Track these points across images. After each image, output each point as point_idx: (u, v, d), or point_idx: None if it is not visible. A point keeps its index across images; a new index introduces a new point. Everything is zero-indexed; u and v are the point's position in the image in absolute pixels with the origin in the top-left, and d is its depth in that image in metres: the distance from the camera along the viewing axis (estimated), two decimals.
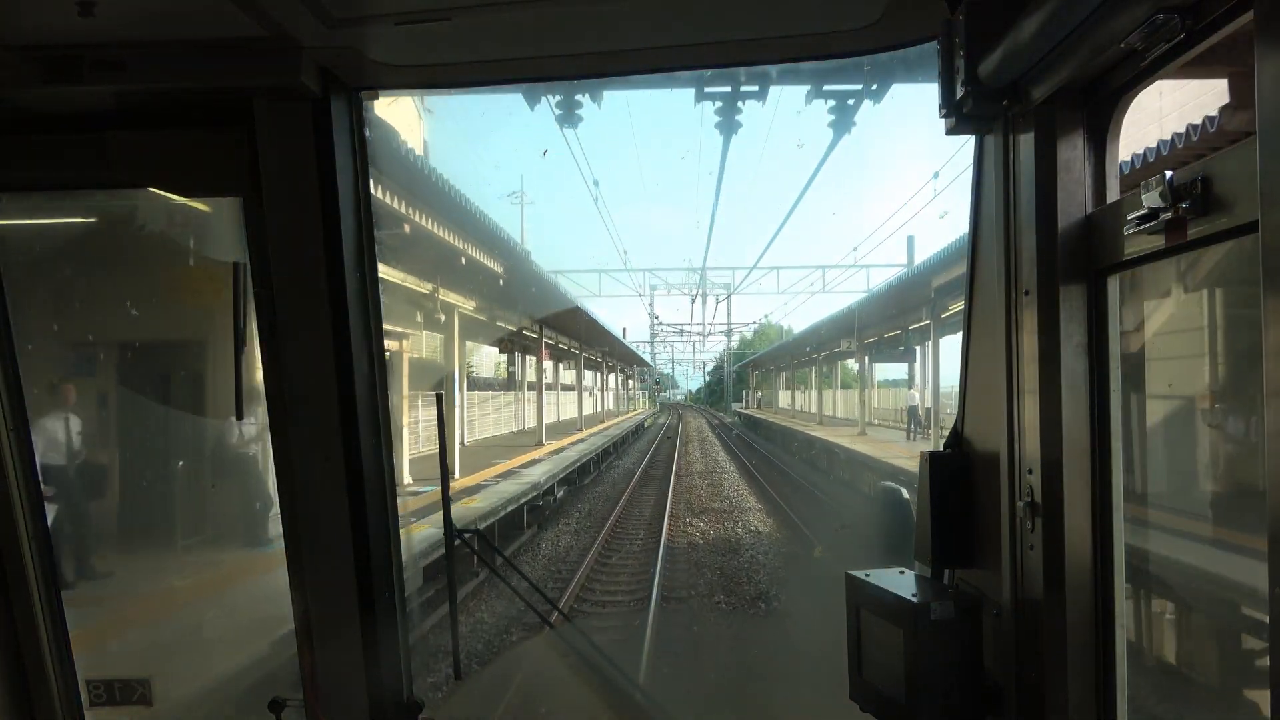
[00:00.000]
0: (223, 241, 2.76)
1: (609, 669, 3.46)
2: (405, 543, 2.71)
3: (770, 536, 20.38)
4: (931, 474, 2.21)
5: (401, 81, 2.51)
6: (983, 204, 2.13)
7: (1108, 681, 1.86)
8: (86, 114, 2.38)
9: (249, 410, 2.63)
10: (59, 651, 2.80)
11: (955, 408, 2.30)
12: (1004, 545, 1.99)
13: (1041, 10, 1.56)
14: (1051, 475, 1.86)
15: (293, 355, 2.43)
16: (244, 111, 2.33)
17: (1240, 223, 1.38)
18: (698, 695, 9.79)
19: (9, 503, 2.68)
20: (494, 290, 23.86)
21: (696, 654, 11.94)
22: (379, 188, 2.19)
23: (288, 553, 2.55)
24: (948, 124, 2.01)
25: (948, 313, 25.90)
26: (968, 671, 2.03)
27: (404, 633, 2.70)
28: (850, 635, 2.24)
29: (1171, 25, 1.42)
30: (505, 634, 12.64)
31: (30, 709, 2.78)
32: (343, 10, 2.08)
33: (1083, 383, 1.85)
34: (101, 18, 1.99)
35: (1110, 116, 1.80)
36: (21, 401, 2.72)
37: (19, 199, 2.88)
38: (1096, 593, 1.86)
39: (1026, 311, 1.90)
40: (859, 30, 2.16)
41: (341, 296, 2.40)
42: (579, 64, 2.46)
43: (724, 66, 3.30)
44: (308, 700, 2.62)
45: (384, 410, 2.59)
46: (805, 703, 8.90)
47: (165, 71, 2.23)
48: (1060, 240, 1.82)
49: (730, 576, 16.24)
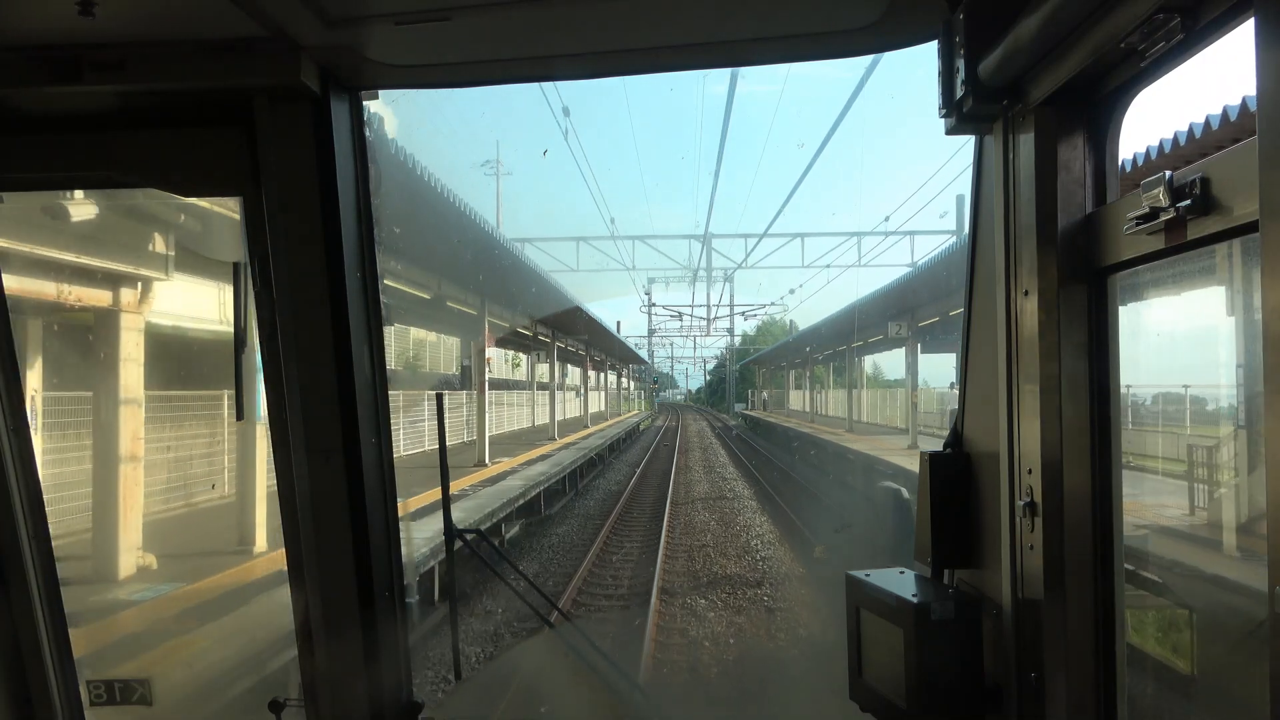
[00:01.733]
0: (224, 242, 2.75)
1: (609, 669, 3.46)
2: (405, 543, 2.71)
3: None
4: (931, 474, 2.21)
5: (401, 81, 2.51)
6: (982, 204, 2.13)
7: (1108, 681, 1.86)
8: (86, 114, 2.38)
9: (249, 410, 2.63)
10: (59, 651, 2.80)
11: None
12: (1004, 545, 1.99)
13: (1041, 10, 1.56)
14: (1051, 475, 1.86)
15: (293, 355, 2.43)
16: (244, 111, 2.33)
17: (1240, 223, 1.38)
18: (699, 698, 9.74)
19: (9, 503, 2.68)
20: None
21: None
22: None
23: (288, 553, 2.55)
24: (947, 124, 2.02)
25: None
26: (968, 671, 2.03)
27: (404, 633, 2.70)
28: (850, 636, 2.24)
29: (1171, 25, 1.42)
30: (509, 634, 12.61)
31: (30, 709, 2.78)
32: (342, 10, 2.08)
33: (1083, 383, 1.85)
34: (101, 18, 1.99)
35: (1110, 116, 1.80)
36: (22, 401, 2.72)
37: (19, 199, 2.88)
38: (1096, 593, 1.86)
39: (1026, 311, 1.90)
40: (859, 30, 2.16)
41: (341, 296, 2.41)
42: (579, 64, 2.46)
43: (724, 66, 3.30)
44: (307, 701, 2.62)
45: (384, 410, 2.59)
46: (806, 703, 8.89)
47: (165, 71, 2.23)
48: (1060, 240, 1.82)
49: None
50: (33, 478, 2.74)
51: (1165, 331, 11.28)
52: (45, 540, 2.78)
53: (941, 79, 1.97)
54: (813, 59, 2.43)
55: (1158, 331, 10.27)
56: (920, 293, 27.29)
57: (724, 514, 22.87)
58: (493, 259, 21.51)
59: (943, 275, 24.59)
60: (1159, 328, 10.95)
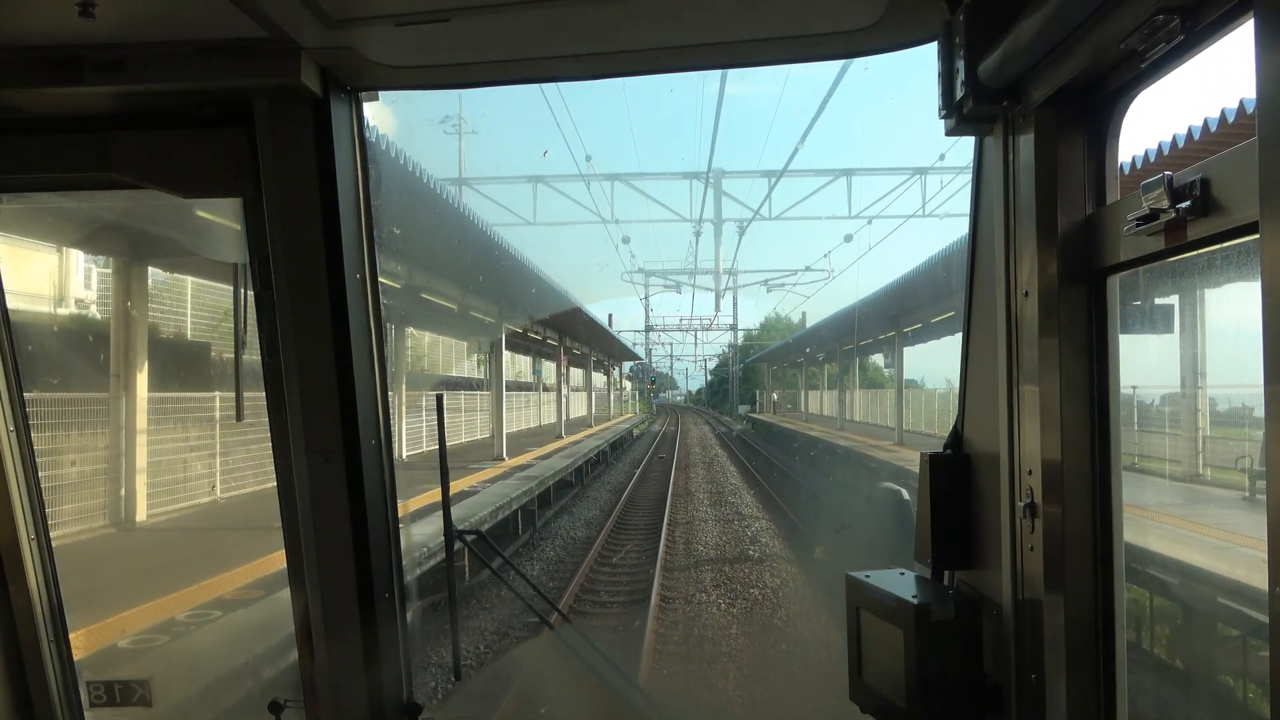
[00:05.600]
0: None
1: (608, 670, 3.46)
2: (405, 543, 2.71)
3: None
4: (931, 475, 2.21)
5: (401, 82, 2.51)
6: (983, 205, 2.13)
7: (1108, 681, 1.86)
8: (87, 115, 2.38)
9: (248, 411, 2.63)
10: (59, 651, 2.80)
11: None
12: (1004, 546, 1.99)
13: (1041, 11, 1.56)
14: (1051, 475, 1.86)
15: (292, 356, 2.43)
16: (244, 112, 2.33)
17: (1240, 223, 1.38)
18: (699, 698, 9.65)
19: (9, 503, 2.69)
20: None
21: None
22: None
23: (288, 553, 2.55)
24: (948, 124, 2.02)
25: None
26: (968, 672, 2.03)
27: (404, 634, 2.70)
28: (850, 636, 2.24)
29: (1171, 26, 1.42)
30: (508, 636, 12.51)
31: (30, 709, 2.78)
32: (342, 11, 2.08)
33: (1083, 383, 1.85)
34: (101, 19, 1.99)
35: (1110, 117, 1.80)
36: (22, 401, 2.72)
37: (19, 199, 2.88)
38: (1096, 593, 1.86)
39: (1026, 312, 1.90)
40: (859, 31, 2.16)
41: (341, 296, 2.41)
42: (579, 65, 2.46)
43: (724, 67, 3.30)
44: (307, 702, 2.62)
45: (384, 410, 2.59)
46: (805, 705, 8.86)
47: (165, 72, 2.23)
48: (1060, 241, 1.82)
49: None
50: (33, 478, 2.75)
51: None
52: (45, 540, 2.78)
53: (941, 80, 1.97)
54: (813, 60, 2.43)
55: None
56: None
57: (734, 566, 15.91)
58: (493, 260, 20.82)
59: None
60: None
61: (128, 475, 13.96)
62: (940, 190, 30.43)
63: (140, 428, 14.17)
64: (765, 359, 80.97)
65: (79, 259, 18.07)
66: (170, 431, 15.51)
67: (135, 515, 13.93)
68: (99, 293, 18.74)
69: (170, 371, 16.34)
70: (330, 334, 2.42)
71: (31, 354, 11.56)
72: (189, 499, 15.67)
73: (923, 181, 28.00)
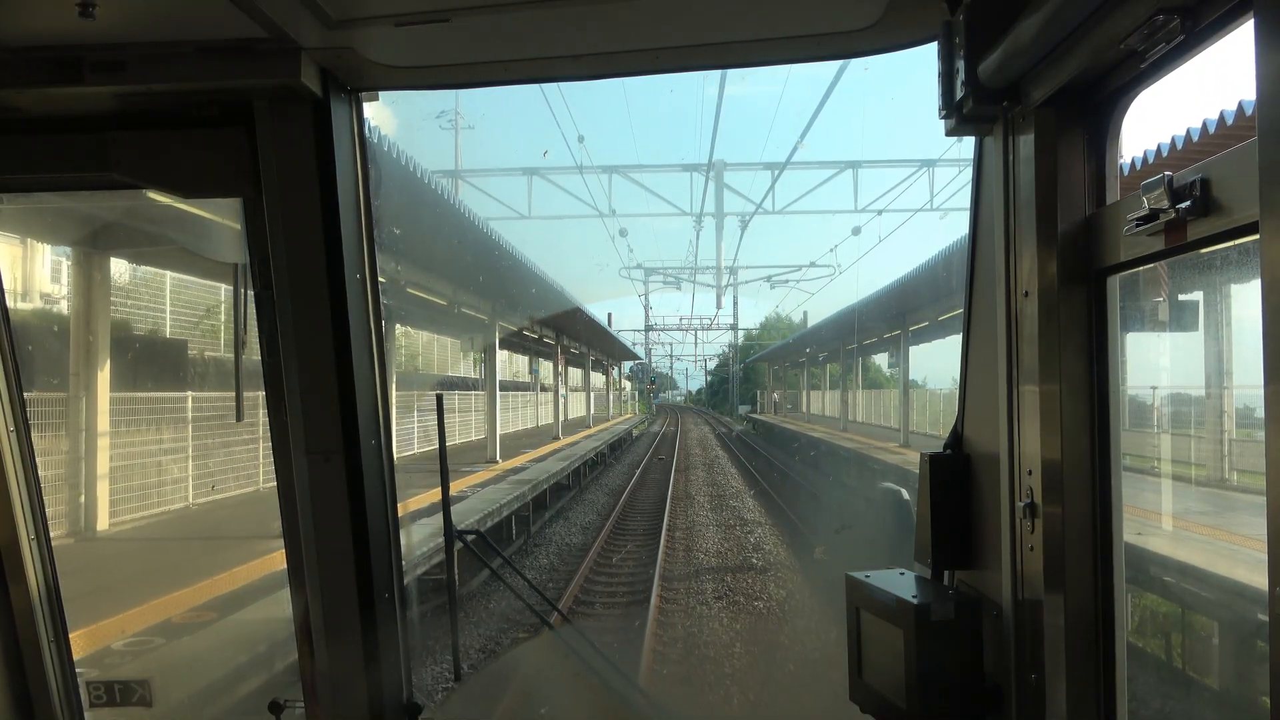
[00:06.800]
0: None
1: (608, 670, 3.46)
2: (405, 543, 2.71)
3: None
4: (931, 475, 2.21)
5: (401, 82, 2.52)
6: (983, 205, 2.14)
7: (1108, 681, 1.86)
8: (87, 115, 2.38)
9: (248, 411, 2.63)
10: (59, 651, 2.81)
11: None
12: (1004, 546, 1.99)
13: (1041, 11, 1.56)
14: (1051, 476, 1.86)
15: (293, 356, 2.43)
16: (244, 112, 2.33)
17: (1240, 223, 1.38)
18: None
19: (9, 503, 2.69)
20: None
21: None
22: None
23: (288, 553, 2.55)
24: (948, 125, 2.02)
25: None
26: (968, 672, 2.03)
27: (404, 634, 2.70)
28: (850, 636, 2.24)
29: (1171, 26, 1.42)
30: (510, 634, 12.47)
31: (30, 709, 2.78)
32: (342, 12, 2.08)
33: (1083, 383, 1.85)
34: (102, 19, 1.99)
35: (1110, 118, 1.80)
36: (22, 401, 2.72)
37: (19, 199, 2.88)
38: (1096, 593, 1.86)
39: (1026, 313, 1.90)
40: (859, 31, 2.16)
41: (341, 296, 2.41)
42: (578, 65, 2.46)
43: (724, 68, 3.31)
44: (307, 702, 2.62)
45: (384, 410, 2.59)
46: (806, 705, 8.86)
47: (165, 73, 2.23)
48: (1060, 241, 1.82)
49: None
50: (33, 478, 2.75)
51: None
52: (45, 540, 2.78)
53: (941, 80, 1.97)
54: (813, 60, 2.43)
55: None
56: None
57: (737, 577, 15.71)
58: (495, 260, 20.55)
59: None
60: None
61: (88, 481, 13.06)
62: (949, 184, 29.53)
63: (102, 430, 13.20)
64: (766, 359, 79.90)
65: (46, 251, 17.20)
66: (139, 434, 14.69)
67: (96, 524, 13.05)
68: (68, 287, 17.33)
69: (142, 370, 15.51)
70: (330, 334, 2.42)
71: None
72: (159, 506, 14.68)
73: (930, 174, 27.56)
